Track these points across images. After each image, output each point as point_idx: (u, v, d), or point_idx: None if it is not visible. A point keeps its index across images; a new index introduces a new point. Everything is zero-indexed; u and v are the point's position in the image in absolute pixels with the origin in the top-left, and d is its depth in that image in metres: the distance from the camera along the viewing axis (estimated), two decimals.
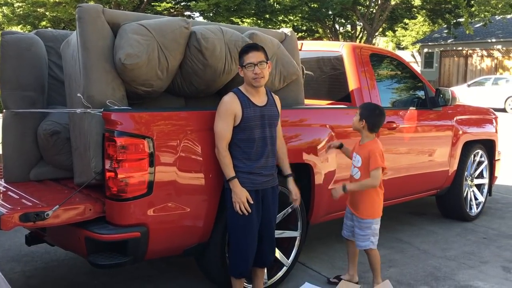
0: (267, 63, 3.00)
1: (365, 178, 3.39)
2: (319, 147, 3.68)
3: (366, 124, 3.42)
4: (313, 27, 28.59)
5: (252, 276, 3.26)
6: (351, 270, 3.66)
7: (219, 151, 2.94)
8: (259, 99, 3.05)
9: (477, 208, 5.46)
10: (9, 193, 3.02)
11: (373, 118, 3.44)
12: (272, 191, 3.13)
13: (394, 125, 4.31)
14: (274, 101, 3.15)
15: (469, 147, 5.20)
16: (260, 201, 3.07)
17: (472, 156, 5.30)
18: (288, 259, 3.59)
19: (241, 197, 2.93)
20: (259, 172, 3.01)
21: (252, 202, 2.97)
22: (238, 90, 3.03)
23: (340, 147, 3.65)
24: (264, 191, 3.08)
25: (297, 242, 3.65)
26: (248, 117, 2.96)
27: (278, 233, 3.45)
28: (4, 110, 3.32)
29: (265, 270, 3.34)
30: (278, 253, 3.50)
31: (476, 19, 22.96)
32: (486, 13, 21.24)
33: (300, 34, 26.39)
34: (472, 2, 21.15)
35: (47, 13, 18.62)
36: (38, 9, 18.23)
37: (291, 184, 3.24)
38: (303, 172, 3.63)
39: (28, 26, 19.53)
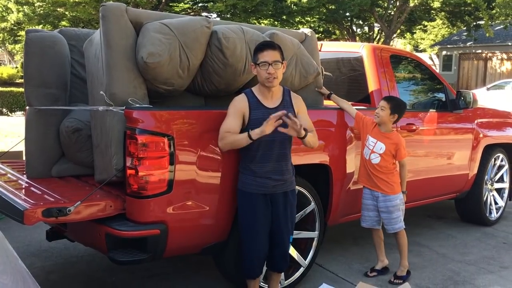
0: (282, 63, 2.92)
1: (384, 164, 3.65)
2: (337, 148, 3.67)
3: (398, 117, 3.68)
4: (330, 29, 28.43)
5: (268, 278, 3.25)
6: (381, 256, 3.89)
7: (220, 136, 2.87)
8: (271, 100, 2.99)
9: (497, 213, 5.39)
10: (32, 188, 3.05)
11: (403, 112, 3.73)
12: (283, 196, 3.01)
13: (414, 127, 4.27)
14: (290, 103, 3.04)
15: (489, 150, 5.13)
16: (269, 205, 2.99)
17: (493, 160, 5.23)
18: (305, 260, 3.58)
19: (266, 126, 2.76)
20: (267, 176, 2.94)
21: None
22: (250, 91, 3.00)
23: (328, 96, 3.84)
24: (274, 196, 3.00)
25: (314, 243, 3.64)
26: (256, 119, 2.91)
27: (295, 234, 3.44)
28: (27, 107, 3.37)
29: (282, 274, 3.31)
30: (295, 254, 3.50)
31: (496, 22, 22.60)
32: (507, 16, 20.89)
33: (317, 36, 26.23)
34: (493, 4, 20.84)
35: (66, 12, 18.85)
36: (58, 9, 18.45)
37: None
38: (321, 173, 3.62)
39: (48, 26, 19.79)
